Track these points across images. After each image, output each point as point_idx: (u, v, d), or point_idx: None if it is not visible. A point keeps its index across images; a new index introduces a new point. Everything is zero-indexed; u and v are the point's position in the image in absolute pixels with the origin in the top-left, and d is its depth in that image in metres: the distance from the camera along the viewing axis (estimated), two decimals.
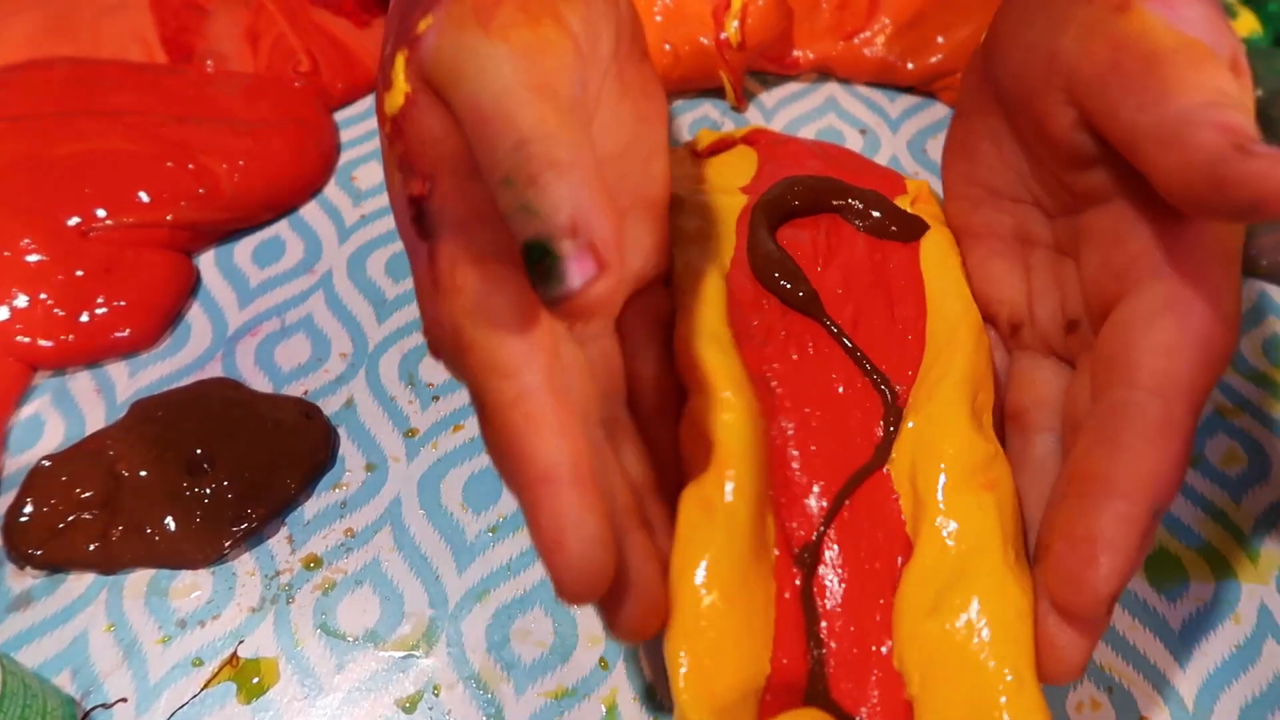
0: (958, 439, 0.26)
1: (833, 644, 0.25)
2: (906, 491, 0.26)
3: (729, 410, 0.26)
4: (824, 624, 0.25)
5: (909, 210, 0.32)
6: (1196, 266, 0.22)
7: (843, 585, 0.26)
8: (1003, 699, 0.23)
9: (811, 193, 0.32)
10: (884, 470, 0.27)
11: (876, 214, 0.31)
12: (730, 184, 0.34)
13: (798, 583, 0.26)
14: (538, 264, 0.19)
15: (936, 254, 0.30)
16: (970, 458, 0.26)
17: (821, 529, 0.26)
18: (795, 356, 0.29)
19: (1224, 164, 0.19)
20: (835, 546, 0.26)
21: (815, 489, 0.27)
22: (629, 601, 0.23)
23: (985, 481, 0.26)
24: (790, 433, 0.28)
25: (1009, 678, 0.23)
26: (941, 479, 0.26)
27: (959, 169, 0.30)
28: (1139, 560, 0.22)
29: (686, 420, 0.28)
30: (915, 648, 0.24)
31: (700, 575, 0.24)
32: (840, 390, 0.28)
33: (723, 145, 0.36)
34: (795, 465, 0.27)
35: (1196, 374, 0.22)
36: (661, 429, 0.28)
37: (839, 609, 0.25)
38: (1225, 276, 0.22)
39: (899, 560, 0.26)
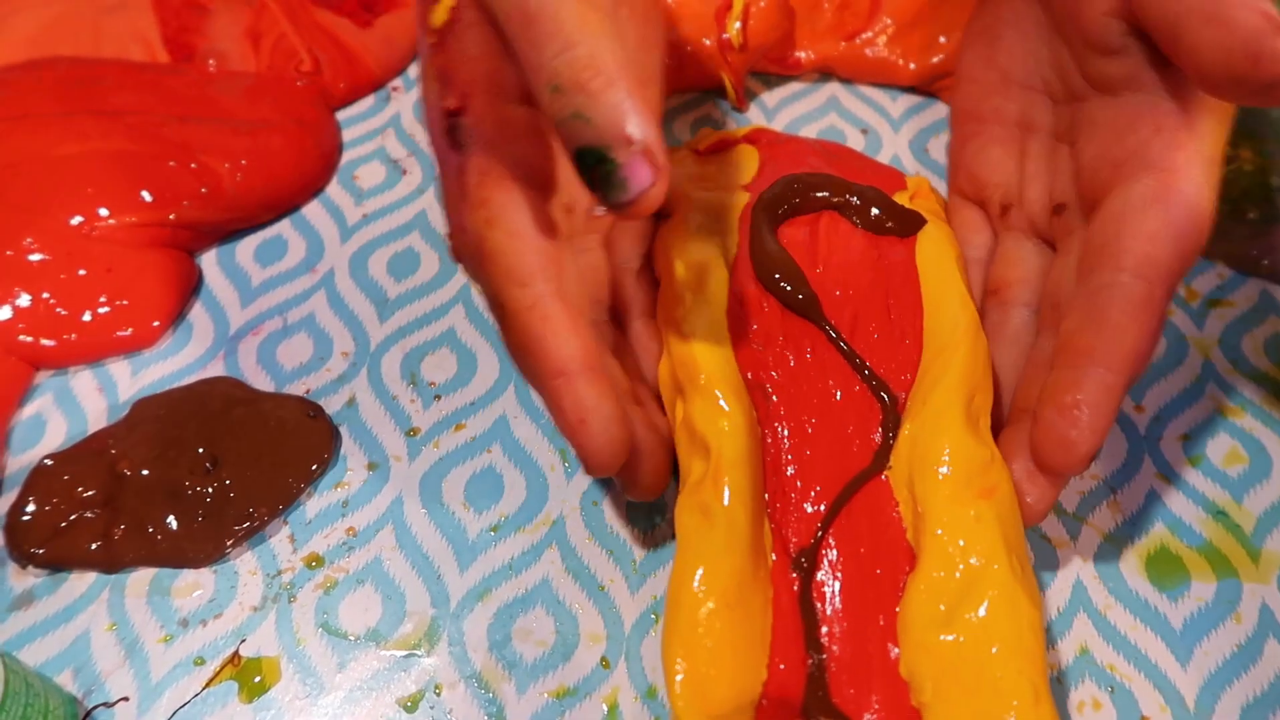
0: (952, 445, 0.26)
1: (834, 649, 0.25)
2: (905, 498, 0.26)
3: (725, 417, 0.26)
4: (824, 629, 0.25)
5: (908, 205, 0.32)
6: (1184, 164, 0.25)
7: (843, 590, 0.25)
8: (1018, 711, 0.23)
9: (811, 190, 0.32)
10: (883, 477, 0.27)
11: (875, 211, 0.31)
12: (732, 182, 0.34)
13: (795, 588, 0.26)
14: (593, 169, 0.21)
15: (933, 249, 0.30)
16: (966, 464, 0.26)
17: (819, 534, 0.26)
18: (793, 362, 0.29)
19: (1263, 39, 0.21)
20: (834, 551, 0.26)
21: (812, 494, 0.27)
22: (641, 467, 0.27)
23: (982, 489, 0.26)
24: (786, 439, 0.27)
25: (1026, 691, 0.23)
26: (938, 489, 0.26)
27: (978, 53, 0.32)
28: (1111, 426, 0.25)
29: (682, 425, 0.28)
30: (926, 658, 0.24)
31: (697, 582, 0.24)
32: (838, 396, 0.28)
33: (724, 144, 0.36)
34: (791, 471, 0.27)
35: (1174, 260, 0.24)
36: (640, 329, 0.31)
37: (840, 614, 0.25)
38: (1208, 176, 0.25)
39: (902, 567, 0.26)
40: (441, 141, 0.25)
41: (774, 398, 0.28)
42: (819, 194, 0.32)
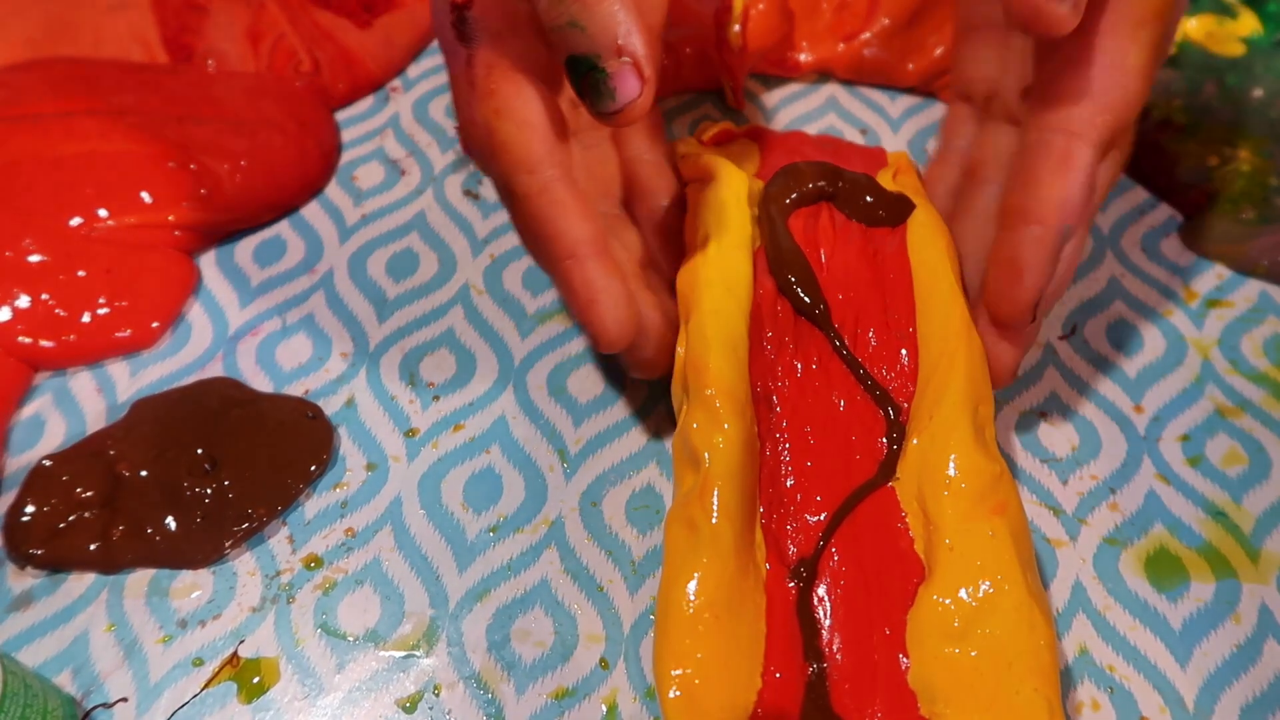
0: (964, 461, 0.26)
1: (836, 657, 0.25)
2: (915, 511, 0.26)
3: (722, 434, 0.26)
4: (825, 637, 0.25)
5: (892, 183, 0.32)
6: (1106, 27, 0.26)
7: (846, 599, 0.25)
8: None
9: (808, 179, 0.32)
10: (889, 487, 0.27)
11: (866, 198, 0.31)
12: (743, 169, 0.34)
13: (792, 598, 0.25)
14: (583, 77, 0.23)
15: (924, 238, 0.30)
16: (978, 480, 0.26)
17: (821, 543, 0.26)
18: (800, 371, 0.28)
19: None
20: (837, 561, 0.26)
21: (813, 504, 0.27)
22: (647, 345, 0.29)
23: (994, 505, 0.26)
24: (786, 450, 0.27)
25: (1041, 707, 0.23)
26: (952, 504, 0.26)
27: None
28: (1055, 275, 0.26)
29: (679, 435, 0.27)
30: (941, 670, 0.24)
31: (688, 594, 0.24)
32: (841, 406, 0.28)
33: (725, 137, 0.36)
34: (791, 482, 0.27)
35: (1095, 114, 0.26)
36: (654, 218, 0.32)
37: (842, 622, 0.25)
38: (1133, 36, 0.26)
39: (910, 577, 0.26)
40: (449, 35, 0.26)
41: (778, 409, 0.28)
42: (816, 183, 0.32)
